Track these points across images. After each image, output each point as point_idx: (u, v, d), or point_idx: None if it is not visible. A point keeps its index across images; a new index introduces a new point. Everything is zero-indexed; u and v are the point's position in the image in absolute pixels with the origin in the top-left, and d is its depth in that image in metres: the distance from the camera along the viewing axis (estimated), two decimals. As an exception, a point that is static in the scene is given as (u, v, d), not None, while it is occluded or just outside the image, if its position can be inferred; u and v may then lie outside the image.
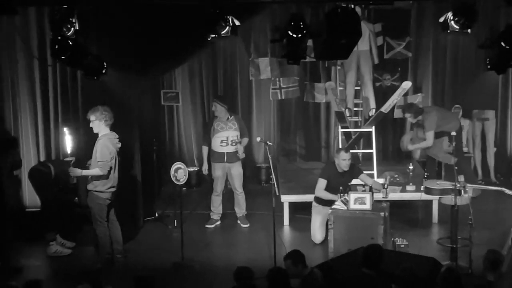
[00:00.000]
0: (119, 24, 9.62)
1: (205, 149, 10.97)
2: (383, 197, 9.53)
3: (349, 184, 9.97)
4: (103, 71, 8.95)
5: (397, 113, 12.74)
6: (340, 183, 9.82)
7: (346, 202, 9.43)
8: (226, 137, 10.70)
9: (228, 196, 11.16)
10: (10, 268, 8.56)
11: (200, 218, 11.17)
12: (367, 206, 9.24)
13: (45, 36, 10.71)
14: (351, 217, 9.27)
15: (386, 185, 9.57)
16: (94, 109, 9.14)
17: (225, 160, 10.76)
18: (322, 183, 9.90)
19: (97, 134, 9.18)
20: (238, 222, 10.98)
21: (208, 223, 10.99)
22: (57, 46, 8.13)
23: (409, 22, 12.83)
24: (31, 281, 6.69)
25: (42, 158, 11.05)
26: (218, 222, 11.04)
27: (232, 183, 10.92)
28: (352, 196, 9.33)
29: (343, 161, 9.77)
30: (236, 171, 10.84)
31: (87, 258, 9.57)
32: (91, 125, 9.16)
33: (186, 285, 8.94)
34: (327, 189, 9.86)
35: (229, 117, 10.76)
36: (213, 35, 8.61)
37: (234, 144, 10.70)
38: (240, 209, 11.00)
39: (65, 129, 9.17)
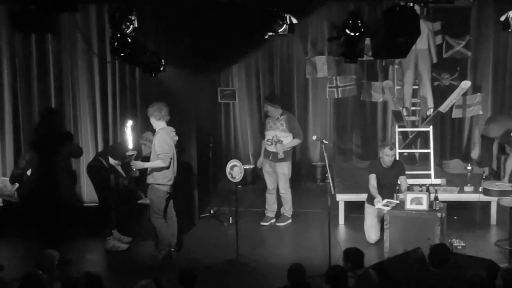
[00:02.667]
0: (177, 22, 9.71)
1: (263, 144, 11.06)
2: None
3: (397, 182, 9.89)
4: (161, 68, 9.04)
5: (456, 113, 12.56)
6: (386, 179, 9.83)
7: (388, 205, 9.40)
8: (272, 136, 10.72)
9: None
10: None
11: (255, 216, 11.19)
12: (424, 206, 9.16)
13: (105, 34, 10.87)
14: (407, 217, 9.19)
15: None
16: (150, 106, 9.36)
17: (270, 158, 10.81)
18: (372, 178, 9.90)
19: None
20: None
21: (263, 221, 11.01)
22: (116, 43, 8.22)
23: (469, 21, 12.64)
24: (91, 273, 6.81)
25: (100, 155, 11.22)
26: (273, 220, 11.04)
27: (278, 181, 10.94)
28: (409, 196, 9.26)
29: (386, 156, 9.80)
30: (280, 170, 10.81)
31: (145, 253, 9.67)
32: (151, 121, 9.33)
33: (241, 282, 8.97)
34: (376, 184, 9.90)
35: (279, 116, 10.75)
36: (270, 33, 8.61)
37: (275, 144, 10.70)
38: (284, 209, 10.99)
39: (129, 124, 9.32)
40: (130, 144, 9.17)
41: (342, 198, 10.83)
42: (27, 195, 10.08)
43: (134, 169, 9.47)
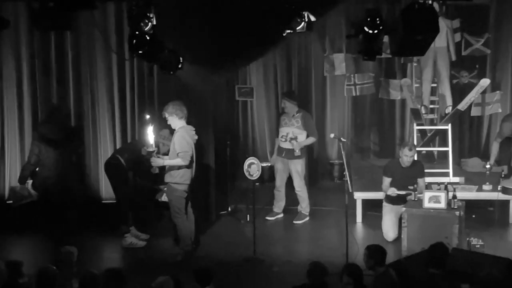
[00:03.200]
0: (195, 19, 9.71)
1: (277, 141, 11.08)
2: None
3: (415, 182, 9.84)
4: (179, 66, 9.05)
5: (474, 111, 12.51)
6: (404, 179, 9.80)
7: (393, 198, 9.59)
8: (286, 133, 10.75)
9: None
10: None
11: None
12: (442, 205, 9.12)
13: (123, 31, 10.91)
14: (425, 216, 9.16)
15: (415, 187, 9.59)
16: (165, 107, 9.38)
17: (283, 155, 10.81)
18: (385, 181, 9.93)
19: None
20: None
21: (269, 215, 11.06)
22: (134, 41, 8.23)
23: (488, 18, 12.55)
24: (113, 268, 6.84)
25: (118, 152, 11.26)
26: (280, 215, 11.09)
27: (293, 179, 10.93)
28: (427, 194, 9.23)
29: (405, 156, 9.78)
30: (294, 168, 10.82)
31: (163, 250, 9.68)
32: (168, 122, 9.33)
33: (258, 280, 8.97)
34: (393, 185, 9.87)
35: (295, 114, 10.75)
36: (288, 31, 8.59)
37: (290, 141, 10.69)
38: (301, 207, 10.99)
39: (149, 120, 9.38)
40: (150, 141, 9.18)
41: (359, 196, 10.80)
42: (41, 191, 10.17)
43: (153, 166, 9.49)
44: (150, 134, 9.16)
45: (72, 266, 7.26)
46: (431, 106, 12.11)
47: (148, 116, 9.58)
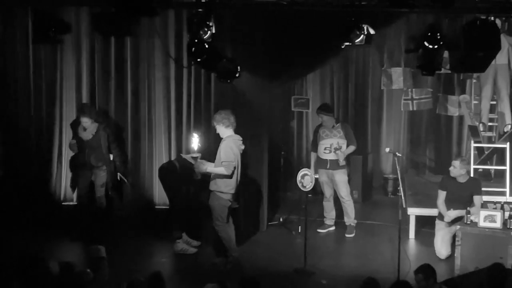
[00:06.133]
0: (254, 29, 9.75)
1: (313, 155, 11.10)
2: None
3: (470, 199, 9.69)
4: (237, 75, 9.09)
5: (535, 130, 12.28)
6: (459, 194, 9.63)
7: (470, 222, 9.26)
8: (330, 144, 10.73)
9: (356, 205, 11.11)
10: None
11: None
12: (497, 224, 8.97)
13: (183, 39, 11.00)
14: (479, 235, 9.01)
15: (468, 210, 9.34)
16: (214, 115, 9.44)
17: (328, 167, 10.78)
18: (441, 195, 9.77)
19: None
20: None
21: (320, 228, 11.02)
22: (193, 48, 8.30)
23: (552, 36, 12.33)
24: (154, 273, 6.85)
25: (173, 157, 11.33)
26: (332, 228, 11.06)
27: (337, 190, 10.89)
28: (482, 213, 9.08)
29: (452, 167, 9.63)
30: (340, 178, 10.80)
31: (213, 257, 9.70)
32: (216, 131, 9.36)
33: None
34: (446, 200, 9.72)
35: (335, 124, 10.76)
36: (347, 43, 8.57)
37: (335, 151, 10.65)
38: (348, 218, 10.92)
39: (194, 131, 9.41)
40: (195, 147, 9.20)
41: (413, 212, 10.67)
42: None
43: (196, 172, 9.51)
44: (194, 141, 9.20)
45: (100, 264, 7.07)
46: (490, 123, 11.93)
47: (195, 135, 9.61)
